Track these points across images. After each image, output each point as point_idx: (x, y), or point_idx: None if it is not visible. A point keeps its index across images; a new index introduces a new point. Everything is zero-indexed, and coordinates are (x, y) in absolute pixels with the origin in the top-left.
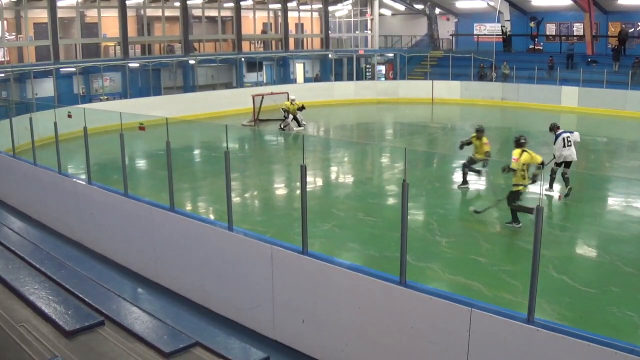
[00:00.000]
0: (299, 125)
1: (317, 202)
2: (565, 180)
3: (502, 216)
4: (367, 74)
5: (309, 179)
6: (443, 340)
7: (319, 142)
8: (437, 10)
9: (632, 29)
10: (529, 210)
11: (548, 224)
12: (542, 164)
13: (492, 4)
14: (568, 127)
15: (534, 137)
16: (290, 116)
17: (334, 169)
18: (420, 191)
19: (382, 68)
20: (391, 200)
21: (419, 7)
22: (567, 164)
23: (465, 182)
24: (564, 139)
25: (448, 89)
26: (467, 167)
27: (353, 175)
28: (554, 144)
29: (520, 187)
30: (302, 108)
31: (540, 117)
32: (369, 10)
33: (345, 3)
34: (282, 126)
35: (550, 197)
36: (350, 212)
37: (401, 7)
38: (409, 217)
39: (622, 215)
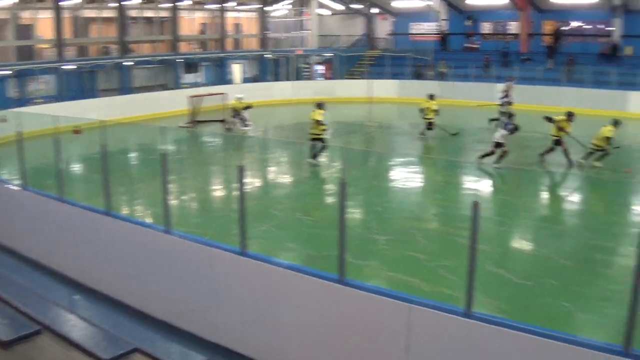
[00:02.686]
0: (245, 125)
1: (256, 202)
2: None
3: (439, 212)
4: (305, 73)
5: (247, 179)
6: (383, 337)
7: (257, 142)
8: (375, 10)
9: (566, 27)
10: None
11: (485, 218)
12: None
13: (428, 3)
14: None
15: (470, 135)
16: (237, 116)
17: (272, 169)
18: (358, 190)
19: (320, 68)
20: (329, 200)
21: (357, 6)
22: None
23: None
24: None
25: (385, 88)
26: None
27: (291, 175)
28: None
29: None
30: (248, 107)
31: (477, 115)
32: (307, 10)
33: (283, 3)
34: (227, 127)
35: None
36: (289, 212)
37: (339, 7)
38: (347, 215)
39: (557, 209)
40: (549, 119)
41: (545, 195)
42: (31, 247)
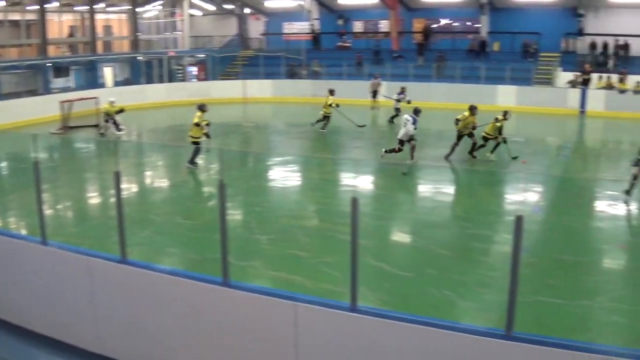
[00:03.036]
0: (118, 129)
1: (134, 208)
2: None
3: (319, 210)
4: (179, 75)
5: (124, 185)
6: (271, 337)
7: (132, 147)
8: (247, 10)
9: (435, 25)
10: None
11: (364, 214)
12: None
13: (300, 3)
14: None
15: (345, 133)
16: (110, 120)
17: (149, 173)
18: (238, 191)
19: (194, 69)
20: (209, 202)
21: (229, 7)
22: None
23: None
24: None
25: (260, 88)
26: None
27: (169, 179)
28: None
29: None
30: (121, 111)
31: (353, 112)
32: (178, 10)
33: (154, 4)
34: (101, 132)
35: None
36: (169, 216)
37: (211, 7)
38: (228, 217)
39: (433, 201)
40: (457, 121)
41: (423, 189)
42: None
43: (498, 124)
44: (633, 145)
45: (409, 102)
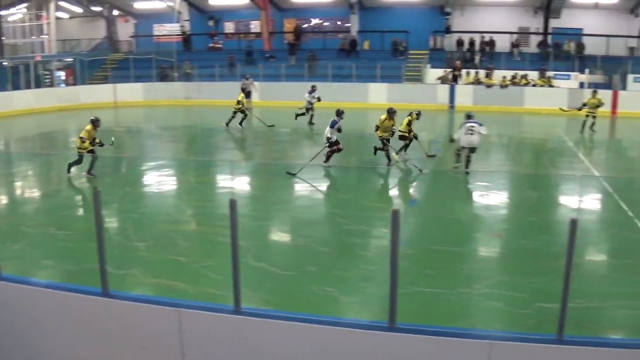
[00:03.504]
0: None
1: (4, 221)
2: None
3: (196, 213)
4: (47, 80)
5: None
6: (156, 345)
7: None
8: (116, 12)
9: (306, 25)
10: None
11: (242, 215)
12: None
13: (170, 4)
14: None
15: (219, 134)
16: None
17: (18, 184)
18: (113, 197)
19: (62, 74)
20: (84, 211)
21: (97, 9)
22: (472, 149)
23: None
24: (467, 127)
25: (131, 92)
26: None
27: (40, 189)
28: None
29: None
30: None
31: (225, 114)
32: (44, 13)
33: (19, 7)
34: None
35: None
36: (41, 227)
37: (78, 10)
38: (104, 225)
39: (309, 199)
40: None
41: (299, 188)
42: None
43: (409, 118)
44: (500, 137)
45: (319, 99)
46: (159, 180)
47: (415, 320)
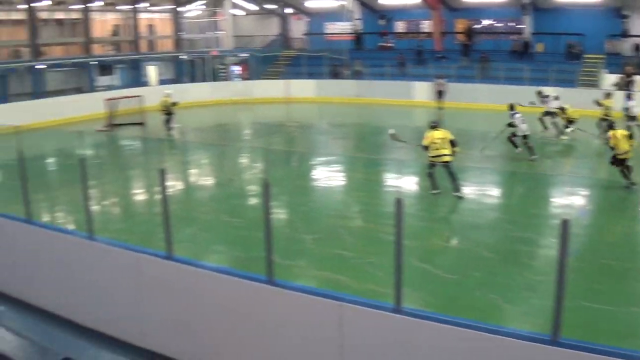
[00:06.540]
0: (170, 127)
1: (180, 206)
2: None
3: (363, 210)
4: (222, 74)
5: (170, 182)
6: (315, 336)
7: (177, 145)
8: (289, 10)
9: (478, 25)
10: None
11: (409, 215)
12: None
13: (342, 3)
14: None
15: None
16: (168, 114)
17: (194, 171)
18: (282, 190)
19: (237, 68)
20: (254, 201)
21: (271, 7)
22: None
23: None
24: (519, 118)
25: (303, 88)
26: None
27: (214, 177)
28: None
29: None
30: (175, 104)
31: (394, 112)
32: (221, 10)
33: (196, 4)
34: (170, 125)
35: None
36: (214, 214)
37: (253, 7)
38: (272, 216)
39: (477, 202)
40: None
41: (467, 191)
42: None
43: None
44: None
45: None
46: (328, 176)
47: (579, 336)
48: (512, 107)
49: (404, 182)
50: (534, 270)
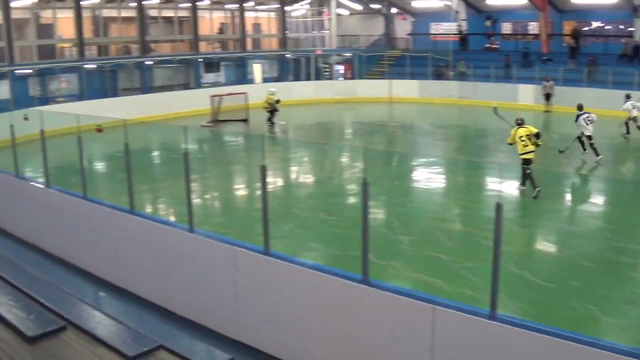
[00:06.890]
0: (272, 123)
1: (278, 202)
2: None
3: (462, 213)
4: (325, 73)
5: (270, 179)
6: (407, 338)
7: (279, 142)
8: (394, 10)
9: (587, 28)
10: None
11: (508, 220)
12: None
13: (448, 3)
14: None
15: (491, 135)
16: (272, 110)
17: (294, 169)
18: (381, 190)
19: (340, 68)
20: (352, 199)
21: (376, 6)
22: (588, 137)
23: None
24: (584, 118)
25: (406, 88)
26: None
27: (314, 175)
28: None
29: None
30: (278, 101)
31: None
32: (326, 10)
33: (302, 3)
34: (272, 121)
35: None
36: (312, 211)
37: (358, 7)
38: (370, 215)
39: (579, 211)
40: None
41: (568, 198)
42: (56, 244)
43: None
44: None
45: None
46: (428, 177)
47: None
48: (580, 107)
49: (506, 187)
50: (636, 283)
